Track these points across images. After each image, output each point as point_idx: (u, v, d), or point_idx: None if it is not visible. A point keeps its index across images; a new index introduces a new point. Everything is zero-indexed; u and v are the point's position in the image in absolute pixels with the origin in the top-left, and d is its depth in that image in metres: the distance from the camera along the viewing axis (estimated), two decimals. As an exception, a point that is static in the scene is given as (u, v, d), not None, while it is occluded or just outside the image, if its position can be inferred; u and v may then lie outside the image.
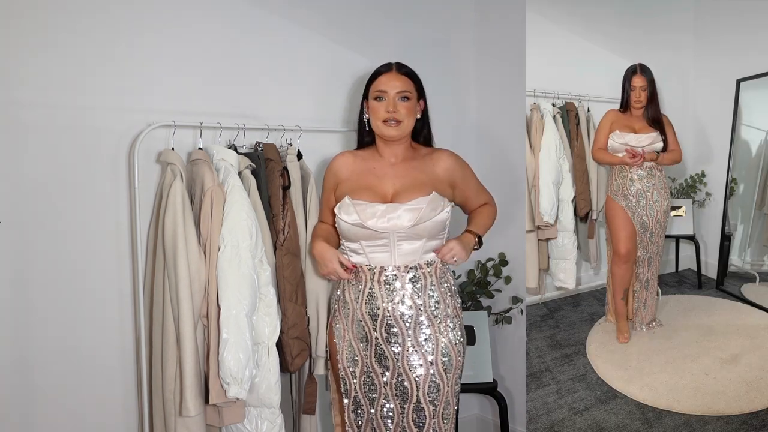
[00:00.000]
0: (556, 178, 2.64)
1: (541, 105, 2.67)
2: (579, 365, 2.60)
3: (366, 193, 1.79)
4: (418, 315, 1.76)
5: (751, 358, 2.47)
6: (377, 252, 1.76)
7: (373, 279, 1.77)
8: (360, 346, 1.82)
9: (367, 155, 1.87)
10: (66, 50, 1.85)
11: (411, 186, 1.79)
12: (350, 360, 1.83)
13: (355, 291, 1.80)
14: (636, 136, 2.56)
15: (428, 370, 1.76)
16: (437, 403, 1.78)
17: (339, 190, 1.85)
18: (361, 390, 1.83)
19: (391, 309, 1.75)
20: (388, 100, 1.77)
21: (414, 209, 1.73)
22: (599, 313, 2.88)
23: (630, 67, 2.56)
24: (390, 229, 1.73)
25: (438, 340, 1.77)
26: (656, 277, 2.71)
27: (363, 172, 1.84)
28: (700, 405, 2.26)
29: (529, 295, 2.76)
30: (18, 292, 1.82)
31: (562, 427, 2.28)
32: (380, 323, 1.76)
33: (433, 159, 1.86)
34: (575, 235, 2.76)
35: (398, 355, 1.77)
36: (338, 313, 1.87)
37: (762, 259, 2.71)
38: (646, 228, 2.60)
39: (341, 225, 1.79)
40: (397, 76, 1.80)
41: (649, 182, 2.58)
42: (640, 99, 2.54)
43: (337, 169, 1.87)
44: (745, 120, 2.65)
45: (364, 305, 1.78)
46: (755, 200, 2.69)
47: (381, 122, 1.78)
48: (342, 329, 1.85)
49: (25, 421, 1.86)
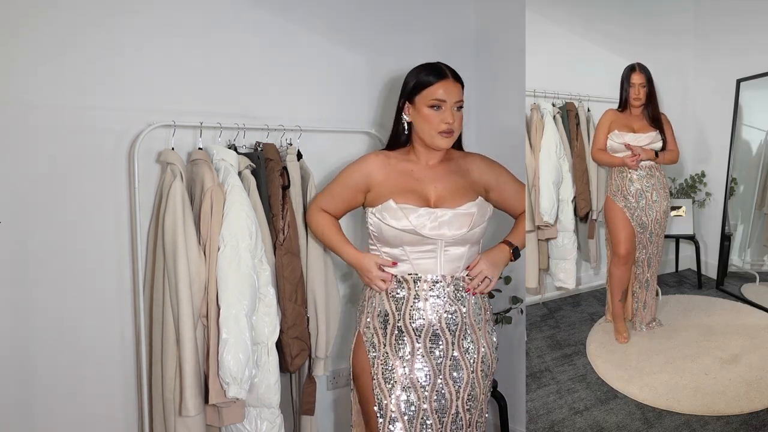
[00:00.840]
0: (556, 178, 2.64)
1: (541, 105, 2.67)
2: (579, 365, 2.59)
3: (410, 196, 1.72)
4: (463, 322, 1.72)
5: (751, 358, 2.47)
6: (423, 258, 1.71)
7: (417, 288, 1.70)
8: (397, 362, 1.72)
9: (400, 157, 1.79)
10: (66, 50, 1.85)
11: (454, 190, 1.74)
12: (388, 376, 1.72)
13: (395, 301, 1.72)
14: (635, 135, 2.55)
15: (469, 378, 1.73)
16: (473, 411, 1.76)
17: (373, 192, 1.77)
18: (398, 409, 1.71)
19: (436, 318, 1.70)
20: (446, 111, 1.69)
21: (466, 214, 1.69)
22: (599, 313, 2.88)
23: (628, 65, 2.55)
24: (443, 236, 1.67)
25: (479, 346, 1.75)
26: (656, 277, 2.71)
27: (400, 175, 1.76)
28: (700, 405, 2.26)
29: (529, 295, 2.76)
30: (18, 292, 1.83)
31: (562, 427, 2.28)
32: (425, 334, 1.70)
33: (467, 163, 1.81)
34: (575, 235, 2.76)
35: (441, 366, 1.72)
36: (372, 324, 1.76)
37: (762, 259, 2.71)
38: (645, 228, 2.59)
39: (385, 230, 1.71)
40: (454, 84, 1.71)
41: (648, 182, 2.58)
42: (639, 96, 2.52)
43: (371, 171, 1.78)
44: (745, 120, 2.65)
45: (407, 316, 1.70)
46: (755, 200, 2.68)
47: (437, 133, 1.70)
48: (378, 343, 1.74)
49: (25, 421, 1.86)
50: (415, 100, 1.73)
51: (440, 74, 1.71)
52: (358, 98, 2.46)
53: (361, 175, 1.79)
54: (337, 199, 1.86)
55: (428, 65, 1.76)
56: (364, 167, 1.79)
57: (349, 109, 2.43)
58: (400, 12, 2.57)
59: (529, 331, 2.72)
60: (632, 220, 2.59)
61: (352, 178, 1.81)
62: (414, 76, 1.75)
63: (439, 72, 1.72)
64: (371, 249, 1.81)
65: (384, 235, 1.72)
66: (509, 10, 2.58)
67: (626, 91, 2.56)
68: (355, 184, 1.80)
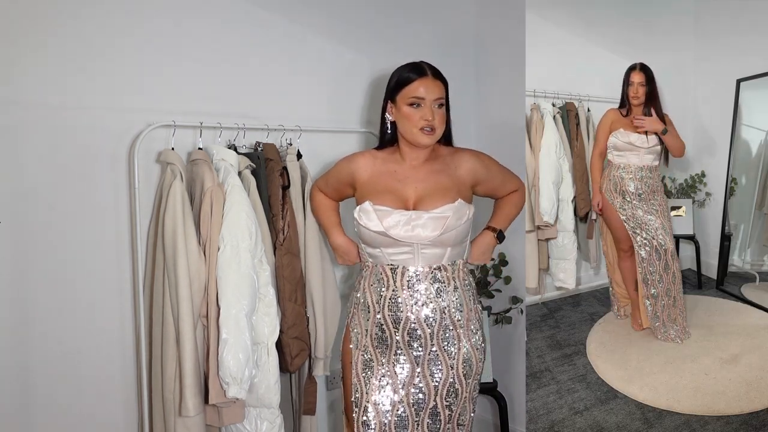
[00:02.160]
0: (556, 178, 2.64)
1: (541, 105, 2.67)
2: (579, 365, 2.60)
3: (387, 197, 1.73)
4: (443, 318, 1.72)
5: (751, 358, 2.47)
6: (399, 257, 1.72)
7: (395, 281, 1.72)
8: (377, 352, 1.75)
9: (387, 157, 1.80)
10: (66, 50, 1.85)
11: (434, 191, 1.73)
12: (366, 367, 1.75)
13: (376, 294, 1.74)
14: (639, 136, 2.56)
15: (448, 374, 1.73)
16: (453, 408, 1.75)
17: (358, 191, 1.80)
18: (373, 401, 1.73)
19: (415, 312, 1.70)
20: (425, 108, 1.69)
21: (440, 218, 1.68)
22: (599, 313, 2.88)
23: (630, 65, 2.57)
24: (414, 238, 1.68)
25: (461, 344, 1.74)
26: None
27: (383, 175, 1.77)
28: (700, 405, 2.26)
29: (529, 295, 2.76)
30: (18, 292, 1.82)
31: (562, 427, 2.28)
32: (403, 327, 1.71)
33: (455, 160, 1.80)
34: (575, 235, 2.76)
35: (419, 359, 1.72)
36: (356, 317, 1.79)
37: (762, 259, 2.71)
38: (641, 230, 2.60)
39: (362, 231, 1.73)
40: (433, 81, 1.71)
41: (645, 183, 2.58)
42: (638, 95, 2.53)
43: (356, 169, 1.80)
44: (745, 120, 2.65)
45: (386, 309, 1.72)
46: (755, 200, 2.68)
47: (417, 130, 1.70)
48: (360, 334, 1.77)
49: (24, 420, 1.86)
50: (396, 98, 1.74)
51: (420, 72, 1.72)
52: (358, 98, 2.46)
53: (348, 172, 1.82)
54: (330, 187, 1.91)
55: (409, 64, 1.76)
56: (351, 165, 1.82)
57: (349, 109, 2.43)
58: (401, 12, 2.57)
59: (529, 331, 2.72)
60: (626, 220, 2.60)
61: (341, 173, 1.85)
62: (395, 75, 1.77)
63: (419, 70, 1.73)
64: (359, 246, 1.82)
65: (361, 235, 1.76)
66: (509, 11, 2.59)
67: (626, 90, 2.59)
68: (343, 179, 1.84)
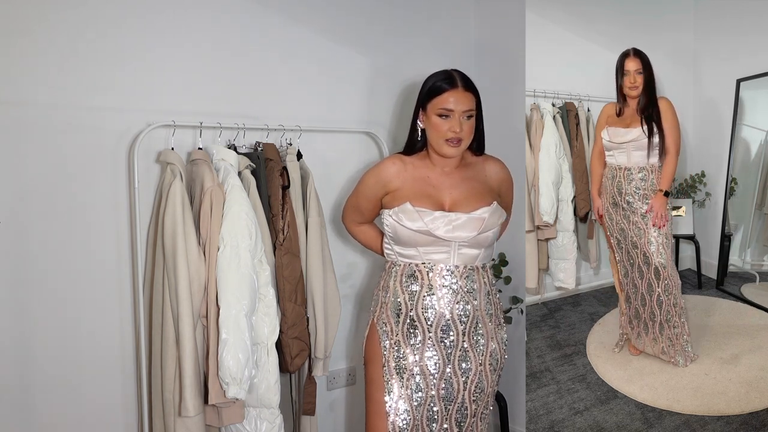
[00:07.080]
0: (555, 178, 2.64)
1: (541, 105, 2.67)
2: (579, 365, 2.59)
3: (425, 201, 1.75)
4: (475, 315, 1.76)
5: (751, 358, 2.46)
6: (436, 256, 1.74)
7: (430, 279, 1.73)
8: (408, 349, 1.76)
9: (417, 162, 1.80)
10: (66, 50, 1.85)
11: (469, 196, 1.76)
12: (398, 363, 1.75)
13: (408, 292, 1.75)
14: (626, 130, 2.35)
15: (476, 370, 1.77)
16: (479, 403, 1.80)
17: (389, 196, 1.79)
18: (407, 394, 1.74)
19: (449, 309, 1.73)
20: (454, 120, 1.69)
21: (478, 219, 1.72)
22: (599, 313, 2.88)
23: (622, 52, 2.33)
24: (455, 238, 1.70)
25: (489, 340, 1.78)
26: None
27: (417, 181, 1.78)
28: (700, 405, 2.26)
29: (529, 295, 2.75)
30: (18, 292, 1.83)
31: (562, 427, 2.28)
32: (436, 324, 1.73)
33: (486, 168, 1.83)
34: (575, 235, 2.76)
35: (450, 355, 1.75)
36: (385, 315, 1.79)
37: (762, 259, 2.70)
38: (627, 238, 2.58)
39: (401, 231, 1.73)
40: (464, 93, 1.71)
41: (633, 186, 2.57)
42: (636, 84, 2.29)
43: (387, 179, 1.79)
44: (745, 120, 2.65)
45: (419, 306, 1.74)
46: (755, 200, 2.68)
47: (443, 141, 1.71)
48: (390, 332, 1.77)
49: (24, 420, 1.86)
50: (427, 107, 1.75)
51: (451, 82, 1.72)
52: (358, 98, 2.46)
53: (379, 186, 1.81)
54: (366, 213, 1.89)
55: (441, 73, 1.76)
56: (382, 176, 1.80)
57: (349, 109, 2.43)
58: (401, 11, 2.57)
59: (529, 331, 2.72)
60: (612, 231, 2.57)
61: (372, 190, 1.82)
62: (427, 83, 1.77)
63: (451, 80, 1.72)
64: (386, 247, 1.83)
65: (399, 235, 1.75)
66: (509, 10, 2.59)
67: (621, 81, 2.33)
68: (375, 195, 1.82)
